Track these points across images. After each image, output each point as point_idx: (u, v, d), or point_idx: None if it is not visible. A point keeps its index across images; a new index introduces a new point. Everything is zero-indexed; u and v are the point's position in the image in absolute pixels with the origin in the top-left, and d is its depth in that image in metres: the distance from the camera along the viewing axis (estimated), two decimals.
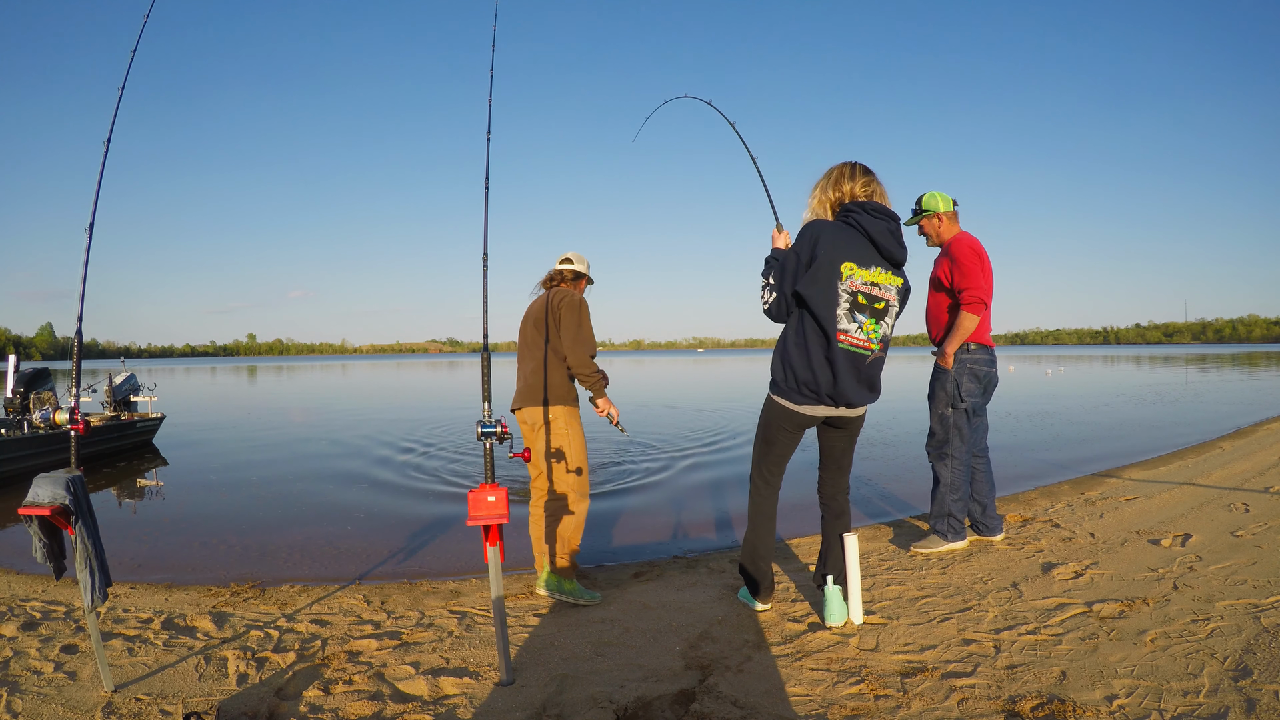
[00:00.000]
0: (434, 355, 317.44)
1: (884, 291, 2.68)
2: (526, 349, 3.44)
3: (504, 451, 2.56)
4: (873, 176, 2.78)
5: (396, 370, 51.39)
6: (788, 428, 2.82)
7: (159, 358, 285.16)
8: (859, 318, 2.64)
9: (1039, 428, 10.38)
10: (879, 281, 2.66)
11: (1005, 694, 2.21)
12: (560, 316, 3.32)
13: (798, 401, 2.75)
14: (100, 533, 2.26)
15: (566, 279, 3.55)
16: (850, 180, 2.76)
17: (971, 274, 3.65)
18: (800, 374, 2.70)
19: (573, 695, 2.29)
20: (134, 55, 2.67)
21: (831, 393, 2.68)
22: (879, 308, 2.67)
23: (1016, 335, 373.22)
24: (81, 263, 2.35)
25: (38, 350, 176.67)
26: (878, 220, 2.66)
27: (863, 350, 2.67)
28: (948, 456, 3.80)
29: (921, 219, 3.92)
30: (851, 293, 2.63)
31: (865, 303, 2.64)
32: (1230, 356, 57.26)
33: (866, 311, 2.65)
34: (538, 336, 3.38)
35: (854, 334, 2.64)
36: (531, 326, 3.42)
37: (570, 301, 3.35)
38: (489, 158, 2.85)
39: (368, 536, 4.92)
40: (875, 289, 2.66)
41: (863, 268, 2.64)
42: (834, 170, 2.82)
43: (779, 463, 2.91)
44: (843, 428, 2.86)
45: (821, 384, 2.67)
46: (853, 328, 2.64)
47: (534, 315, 3.45)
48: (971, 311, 3.65)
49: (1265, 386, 19.03)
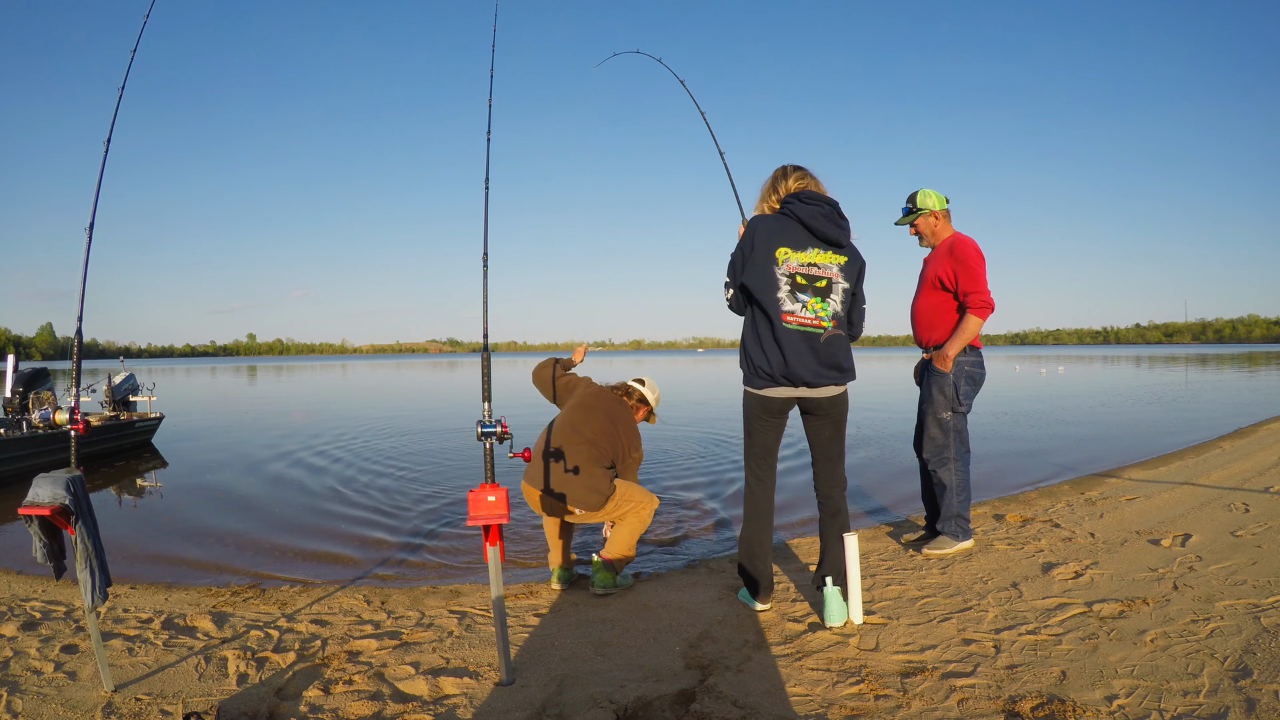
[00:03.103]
0: (434, 355, 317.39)
1: (824, 270, 2.79)
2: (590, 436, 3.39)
3: (504, 451, 2.56)
4: (804, 171, 2.96)
5: (396, 370, 51.40)
6: (761, 415, 2.90)
7: (159, 358, 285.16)
8: (801, 297, 2.76)
9: (1038, 428, 10.38)
10: (817, 261, 2.79)
11: (1005, 694, 2.21)
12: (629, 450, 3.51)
13: (758, 386, 2.86)
14: (100, 533, 2.26)
15: (633, 397, 3.70)
16: (784, 180, 2.95)
17: (980, 277, 3.62)
18: (755, 359, 2.83)
19: (573, 695, 2.29)
20: (134, 55, 2.67)
21: (786, 373, 2.78)
22: (820, 286, 2.79)
23: (1016, 335, 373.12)
24: (81, 263, 2.35)
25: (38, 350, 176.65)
26: (809, 205, 2.80)
27: (814, 328, 2.78)
28: (950, 461, 3.76)
29: (916, 217, 3.87)
30: (789, 275, 2.76)
31: (805, 283, 2.77)
32: (1230, 356, 57.28)
33: (808, 291, 2.77)
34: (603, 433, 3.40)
35: (800, 314, 2.77)
36: (606, 419, 3.46)
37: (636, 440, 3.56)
38: (489, 158, 2.86)
39: (368, 537, 4.91)
40: (814, 268, 2.78)
41: (797, 250, 2.78)
42: (768, 180, 3.01)
43: (765, 456, 2.95)
44: (820, 414, 2.89)
45: (774, 365, 2.79)
46: (797, 308, 2.76)
47: (608, 410, 3.50)
48: (979, 315, 3.61)
49: (1265, 386, 19.04)
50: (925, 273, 3.87)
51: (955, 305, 3.74)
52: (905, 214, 3.92)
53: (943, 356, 3.70)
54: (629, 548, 3.42)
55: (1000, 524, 4.47)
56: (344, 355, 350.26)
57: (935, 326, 3.81)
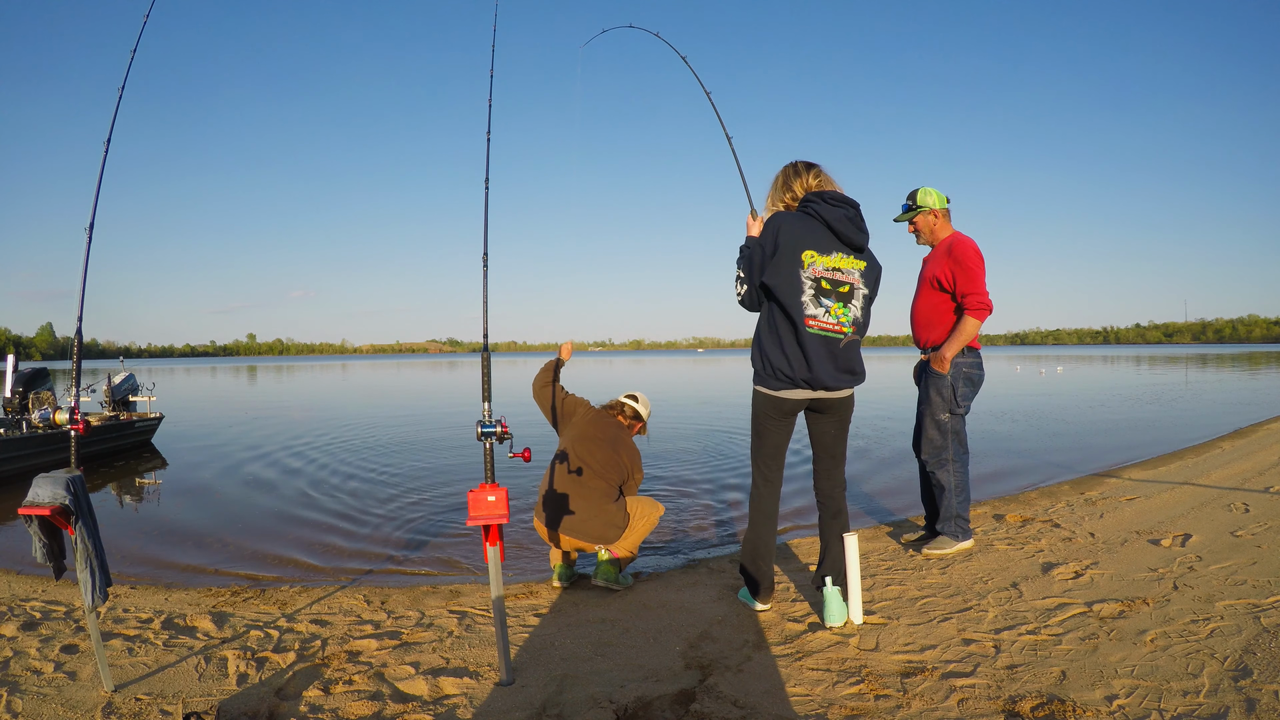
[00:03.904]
0: (434, 355, 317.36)
1: (847, 275, 2.77)
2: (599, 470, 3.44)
3: (504, 452, 2.56)
4: (819, 168, 2.91)
5: (396, 370, 51.39)
6: (773, 416, 2.87)
7: (159, 358, 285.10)
8: (825, 302, 2.75)
9: (1038, 427, 10.38)
10: (841, 266, 2.76)
11: (1005, 694, 2.21)
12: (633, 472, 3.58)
13: (775, 387, 2.82)
14: (100, 532, 2.26)
15: (627, 415, 3.78)
16: (798, 177, 2.89)
17: (978, 278, 3.60)
18: (775, 361, 2.79)
19: (573, 695, 2.29)
20: (134, 55, 2.67)
21: (807, 377, 2.76)
22: (844, 291, 2.77)
23: (1016, 335, 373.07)
24: (81, 263, 2.35)
25: (38, 350, 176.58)
26: (835, 208, 2.75)
27: (835, 334, 2.76)
28: (948, 462, 3.75)
29: (916, 215, 3.84)
30: (815, 279, 2.73)
31: (829, 288, 2.75)
32: (1230, 356, 57.27)
33: (832, 296, 2.75)
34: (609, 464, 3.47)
35: (823, 318, 2.74)
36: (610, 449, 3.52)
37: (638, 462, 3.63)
38: (489, 158, 2.86)
39: (368, 536, 4.91)
40: (838, 274, 2.76)
41: (823, 254, 2.74)
42: (779, 175, 2.95)
43: (774, 456, 2.93)
44: (828, 413, 2.88)
45: (796, 369, 2.76)
46: (820, 312, 2.74)
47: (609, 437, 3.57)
48: (977, 317, 3.60)
49: (1265, 386, 19.03)
50: (924, 273, 3.85)
51: (954, 306, 3.72)
52: (905, 211, 3.89)
53: (940, 358, 3.69)
54: (634, 548, 3.51)
55: (1000, 524, 4.47)
56: (344, 355, 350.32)
57: (933, 327, 3.79)
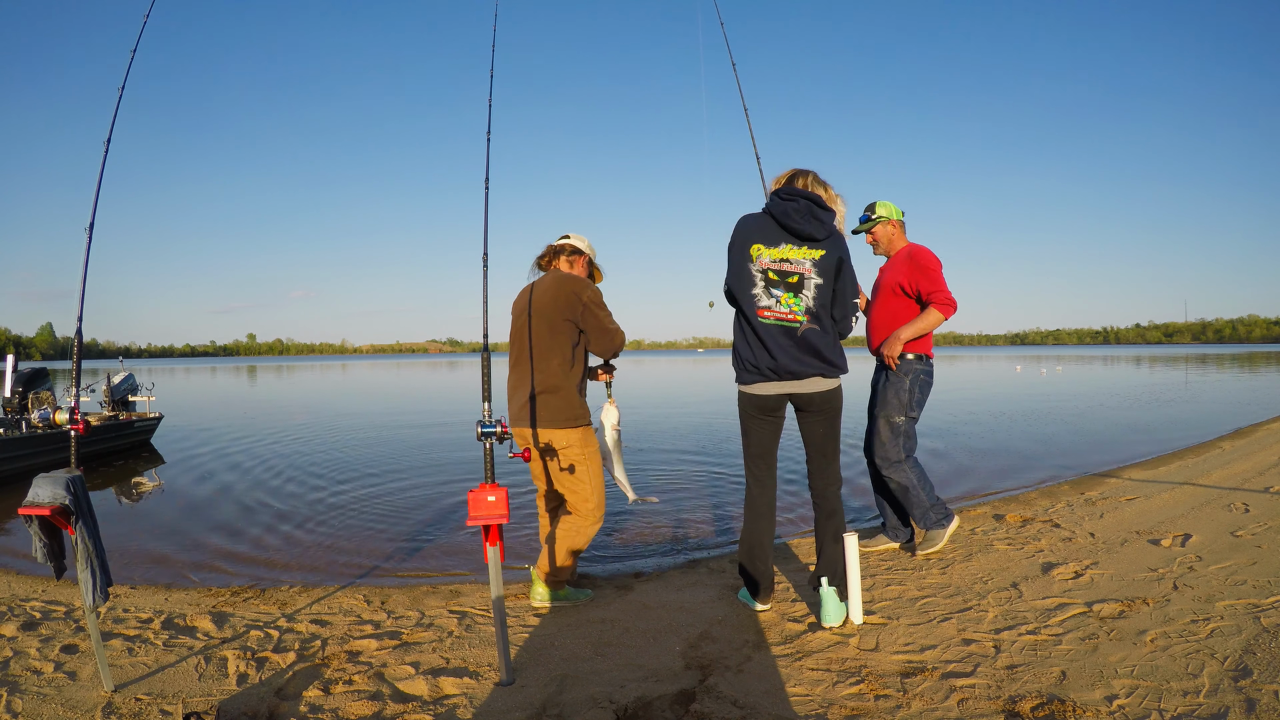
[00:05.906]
0: (434, 355, 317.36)
1: (796, 265, 2.82)
2: (529, 351, 3.06)
3: (504, 451, 2.56)
4: (806, 172, 2.96)
5: (397, 370, 51.40)
6: (753, 414, 2.94)
7: (159, 358, 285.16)
8: (775, 293, 2.82)
9: (1038, 428, 10.38)
10: (790, 257, 2.82)
11: (1005, 694, 2.21)
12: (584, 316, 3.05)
13: (747, 381, 2.91)
14: (100, 532, 2.26)
15: (565, 253, 3.27)
16: (777, 182, 3.01)
17: (940, 280, 3.65)
18: (743, 354, 2.90)
19: (573, 695, 2.29)
20: (134, 55, 2.68)
21: (771, 365, 2.82)
22: (792, 281, 2.82)
23: (1016, 335, 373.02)
24: (81, 263, 2.35)
25: (38, 350, 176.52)
26: (785, 201, 2.82)
27: (790, 323, 2.81)
28: (900, 461, 3.73)
29: (875, 225, 3.89)
30: (762, 270, 2.82)
31: (777, 278, 2.82)
32: (1230, 356, 57.27)
33: (780, 286, 2.82)
34: (550, 339, 3.02)
35: (775, 308, 2.82)
36: (545, 326, 3.04)
37: (593, 297, 3.07)
38: (489, 158, 2.86)
39: (368, 536, 4.91)
40: (785, 264, 2.82)
41: (770, 246, 2.82)
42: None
43: (761, 456, 2.97)
44: (812, 410, 2.90)
45: (760, 359, 2.84)
46: (771, 303, 2.82)
47: (542, 309, 3.05)
48: (943, 311, 3.62)
49: (1265, 386, 19.04)
50: (883, 281, 3.87)
51: (917, 311, 3.73)
52: (863, 222, 3.94)
53: (895, 339, 3.66)
54: (563, 561, 3.13)
55: (1000, 524, 4.47)
56: (344, 355, 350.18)
57: (887, 333, 3.79)
